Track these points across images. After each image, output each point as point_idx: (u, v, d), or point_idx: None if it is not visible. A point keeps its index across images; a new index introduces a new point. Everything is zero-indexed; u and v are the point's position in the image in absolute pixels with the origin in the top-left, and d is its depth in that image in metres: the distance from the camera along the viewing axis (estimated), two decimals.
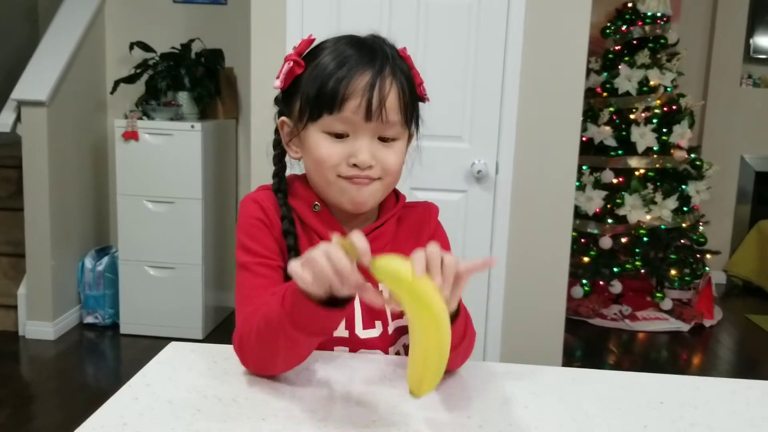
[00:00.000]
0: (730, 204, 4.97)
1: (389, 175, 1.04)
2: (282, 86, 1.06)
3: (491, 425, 0.85)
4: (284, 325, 0.88)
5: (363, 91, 0.98)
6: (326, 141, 1.01)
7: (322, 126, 1.01)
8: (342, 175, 1.02)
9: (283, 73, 1.05)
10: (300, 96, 1.03)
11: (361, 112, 0.99)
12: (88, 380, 3.09)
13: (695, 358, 3.68)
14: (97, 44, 3.72)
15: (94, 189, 3.74)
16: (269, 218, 1.05)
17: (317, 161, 1.02)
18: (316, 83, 1.00)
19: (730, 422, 0.90)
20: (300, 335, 0.88)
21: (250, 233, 1.04)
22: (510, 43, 2.58)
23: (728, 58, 4.78)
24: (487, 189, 2.66)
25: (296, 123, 1.05)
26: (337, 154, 1.01)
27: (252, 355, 0.95)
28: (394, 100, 1.01)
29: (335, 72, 1.00)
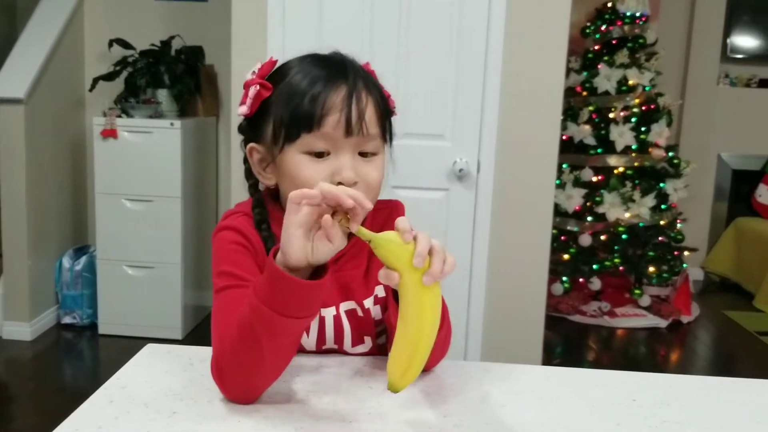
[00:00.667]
0: (708, 202, 5.02)
1: (372, 191, 1.01)
2: (249, 112, 1.02)
3: (467, 424, 0.86)
4: (264, 317, 0.83)
5: (341, 105, 0.96)
6: (307, 161, 0.97)
7: (301, 147, 0.97)
8: None
9: (250, 97, 1.01)
10: (272, 119, 1.00)
11: (341, 128, 0.96)
12: (66, 381, 3.06)
13: (673, 354, 3.72)
14: (75, 41, 3.68)
15: (72, 187, 3.71)
16: (252, 245, 1.00)
17: (298, 184, 0.95)
18: (290, 103, 0.98)
19: (701, 419, 0.91)
20: (282, 321, 0.83)
21: (228, 258, 0.99)
22: (491, 43, 2.59)
23: (705, 57, 4.83)
24: (469, 187, 2.67)
25: (270, 148, 1.01)
26: (318, 175, 0.96)
27: (233, 374, 0.88)
28: (372, 113, 1.00)
29: (309, 89, 0.97)
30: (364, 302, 1.07)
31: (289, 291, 0.82)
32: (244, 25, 2.67)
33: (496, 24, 2.58)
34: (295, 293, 0.83)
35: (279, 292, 0.82)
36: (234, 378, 0.88)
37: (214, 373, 0.90)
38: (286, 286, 0.82)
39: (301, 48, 1.08)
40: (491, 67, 2.60)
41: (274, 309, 0.83)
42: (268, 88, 1.01)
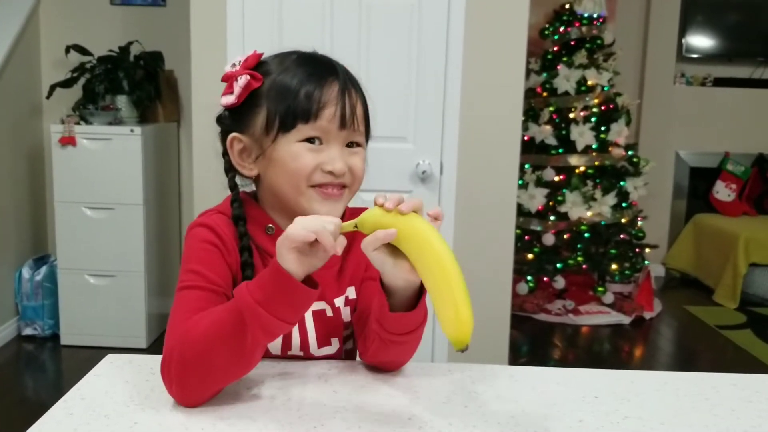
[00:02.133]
0: (667, 199, 5.12)
1: (357, 181, 1.05)
2: (237, 102, 1.03)
3: (431, 426, 0.86)
4: (258, 318, 0.85)
5: (336, 100, 1.00)
6: (302, 150, 1.00)
7: (296, 136, 1.00)
8: (314, 183, 1.01)
9: (239, 87, 1.02)
10: (264, 109, 1.02)
11: (336, 120, 1.00)
12: (27, 394, 3.00)
13: (637, 350, 3.78)
14: (31, 48, 3.61)
15: (31, 196, 3.64)
16: (224, 244, 1.01)
17: (291, 171, 1.00)
18: (287, 94, 1.00)
19: (661, 413, 0.93)
20: (276, 324, 0.86)
21: (199, 257, 1.00)
22: (451, 45, 2.61)
23: (662, 57, 4.93)
24: (432, 189, 2.69)
25: (258, 138, 1.03)
26: (310, 163, 1.00)
27: (197, 371, 0.88)
28: (360, 109, 1.05)
29: (306, 82, 1.00)
30: (335, 301, 1.08)
31: (294, 297, 0.86)
32: (203, 30, 2.65)
33: (455, 27, 2.60)
34: (298, 300, 0.87)
35: (282, 296, 0.85)
36: (196, 376, 0.88)
37: (167, 371, 0.89)
38: (293, 292, 0.86)
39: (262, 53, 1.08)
40: (451, 69, 2.62)
41: (271, 311, 0.85)
42: (258, 78, 1.02)
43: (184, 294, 0.97)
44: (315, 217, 0.89)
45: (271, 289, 0.86)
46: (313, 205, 1.01)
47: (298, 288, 0.86)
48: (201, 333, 0.88)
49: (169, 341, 0.91)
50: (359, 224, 0.89)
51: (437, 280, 0.84)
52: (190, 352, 0.88)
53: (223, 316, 0.88)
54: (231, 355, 0.88)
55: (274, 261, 0.87)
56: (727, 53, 5.06)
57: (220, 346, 0.87)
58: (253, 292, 0.86)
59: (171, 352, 0.89)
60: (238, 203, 1.05)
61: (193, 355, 0.87)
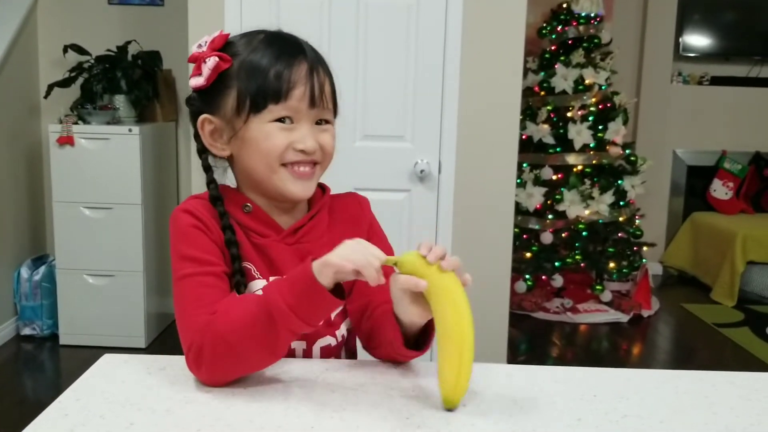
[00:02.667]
0: (664, 197, 5.12)
1: (327, 158, 1.08)
2: (206, 83, 1.04)
3: (429, 425, 0.86)
4: (289, 322, 0.90)
5: (305, 79, 1.02)
6: (274, 129, 1.03)
7: (267, 116, 1.02)
8: (286, 161, 1.04)
9: (208, 69, 1.03)
10: (234, 90, 1.03)
11: (306, 100, 1.02)
12: (26, 394, 2.99)
13: (635, 348, 3.78)
14: (29, 47, 3.61)
15: (29, 196, 3.63)
16: (205, 224, 1.04)
17: (263, 151, 1.03)
18: (256, 75, 1.02)
19: (660, 411, 0.93)
20: (303, 327, 0.92)
21: (188, 241, 1.02)
22: (449, 44, 2.61)
23: (659, 56, 4.93)
24: (431, 188, 2.69)
25: (229, 119, 1.05)
26: (282, 142, 1.03)
27: (223, 362, 0.93)
28: (328, 87, 1.07)
29: (274, 62, 1.02)
30: None
31: (324, 305, 0.92)
32: (201, 30, 2.64)
33: (453, 26, 2.60)
34: (327, 308, 0.93)
35: (313, 304, 0.91)
36: (228, 367, 0.94)
37: (196, 361, 0.93)
38: (323, 302, 0.91)
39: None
40: (450, 68, 2.62)
41: (301, 317, 0.90)
42: (227, 60, 1.03)
43: (186, 282, 0.99)
44: (361, 249, 0.92)
45: (303, 298, 0.90)
46: (286, 185, 1.05)
47: (329, 300, 0.91)
48: (231, 328, 0.92)
49: (192, 332, 0.95)
50: (398, 264, 0.93)
51: (452, 343, 0.89)
52: (222, 347, 0.92)
53: (253, 312, 0.92)
54: (262, 350, 0.93)
55: (308, 268, 0.91)
56: (723, 52, 5.06)
57: (251, 342, 0.92)
58: (285, 297, 0.91)
59: (200, 343, 0.93)
60: (214, 184, 1.08)
61: (224, 349, 0.92)
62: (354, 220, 1.17)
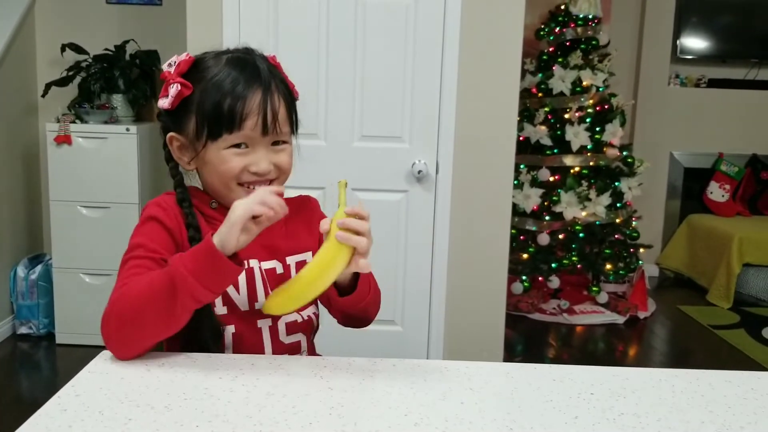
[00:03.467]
0: (661, 199, 5.13)
1: (284, 173, 1.17)
2: (170, 107, 1.13)
3: (427, 422, 0.86)
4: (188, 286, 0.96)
5: (258, 109, 1.10)
6: (229, 155, 1.11)
7: (223, 144, 1.11)
8: (242, 182, 1.13)
9: (171, 95, 1.11)
10: (194, 116, 1.12)
11: (258, 129, 1.10)
12: (22, 393, 2.99)
13: (631, 349, 3.79)
14: (27, 46, 3.60)
15: (26, 195, 3.63)
16: (167, 215, 1.12)
17: (220, 174, 1.13)
18: (212, 105, 1.09)
19: (657, 410, 0.93)
20: (205, 293, 0.98)
21: (142, 230, 1.12)
22: (447, 45, 2.62)
23: (656, 58, 4.94)
24: (428, 188, 2.69)
25: (193, 141, 1.14)
26: (237, 166, 1.11)
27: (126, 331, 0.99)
28: (283, 113, 1.14)
29: (229, 93, 1.09)
30: (287, 259, 1.21)
31: (223, 271, 0.98)
32: (199, 29, 2.65)
33: (451, 27, 2.60)
34: (226, 274, 0.99)
35: (213, 270, 0.97)
36: (131, 331, 1.00)
37: (106, 327, 1.00)
38: (222, 268, 0.97)
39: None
40: (447, 69, 2.62)
41: (202, 283, 0.97)
42: (188, 87, 1.12)
43: (128, 265, 1.08)
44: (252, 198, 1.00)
45: (202, 263, 0.97)
46: None
47: (226, 264, 0.98)
48: (136, 293, 0.99)
49: (109, 301, 1.02)
50: None
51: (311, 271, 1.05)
52: (127, 310, 0.99)
53: (156, 281, 0.99)
54: (162, 315, 0.98)
55: (208, 237, 0.98)
56: (721, 54, 5.07)
57: (152, 307, 0.98)
58: (185, 263, 0.97)
59: (110, 311, 1.00)
60: (181, 188, 1.16)
61: (129, 313, 0.99)
62: (307, 220, 1.26)
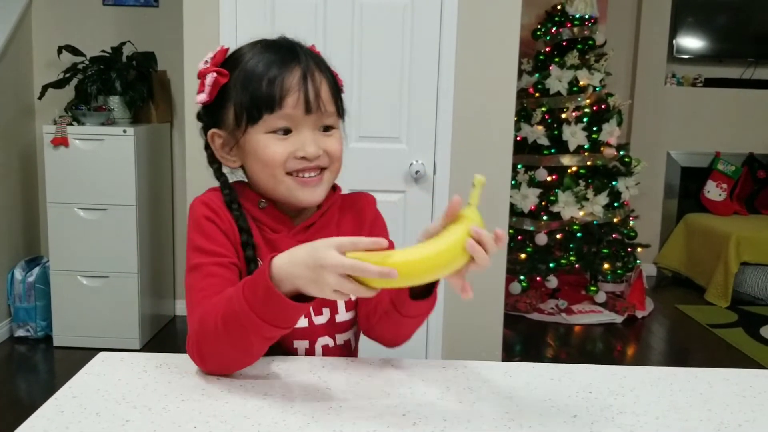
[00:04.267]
0: (658, 199, 5.14)
1: (335, 161, 1.08)
2: (209, 99, 1.07)
3: (425, 422, 0.86)
4: (254, 324, 0.89)
5: (298, 85, 1.02)
6: (271, 140, 1.04)
7: (264, 127, 1.03)
8: (290, 170, 1.05)
9: (207, 85, 1.06)
10: (232, 103, 1.05)
11: (300, 106, 1.03)
12: (20, 396, 2.98)
13: (629, 349, 3.79)
14: (23, 48, 3.60)
15: (23, 197, 3.62)
16: (219, 216, 1.06)
17: (264, 162, 1.04)
18: (250, 86, 1.03)
19: (655, 408, 0.93)
20: (271, 329, 0.90)
21: (200, 232, 1.05)
22: (444, 45, 2.61)
23: (653, 58, 4.95)
24: (426, 189, 2.69)
25: (232, 131, 1.07)
26: (283, 151, 1.03)
27: (215, 356, 0.95)
28: (327, 91, 1.06)
29: (266, 72, 1.03)
30: None
31: (282, 309, 0.88)
32: (196, 30, 2.65)
33: (448, 27, 2.60)
34: (286, 311, 0.89)
35: (272, 307, 0.88)
36: (217, 359, 0.95)
37: (192, 351, 0.96)
38: (280, 305, 0.88)
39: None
40: (444, 69, 2.62)
41: (265, 320, 0.89)
42: (225, 74, 1.06)
43: (195, 273, 1.02)
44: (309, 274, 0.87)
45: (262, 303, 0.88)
46: (292, 193, 1.06)
47: (287, 305, 0.88)
48: (214, 327, 0.92)
49: (191, 324, 0.98)
50: None
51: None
52: (207, 344, 0.94)
53: (228, 315, 0.91)
54: (239, 352, 0.94)
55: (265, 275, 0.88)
56: (717, 54, 5.08)
57: (229, 347, 0.92)
58: (248, 299, 0.89)
59: (195, 338, 0.95)
60: (228, 189, 1.09)
61: (209, 347, 0.94)
62: (359, 218, 1.19)
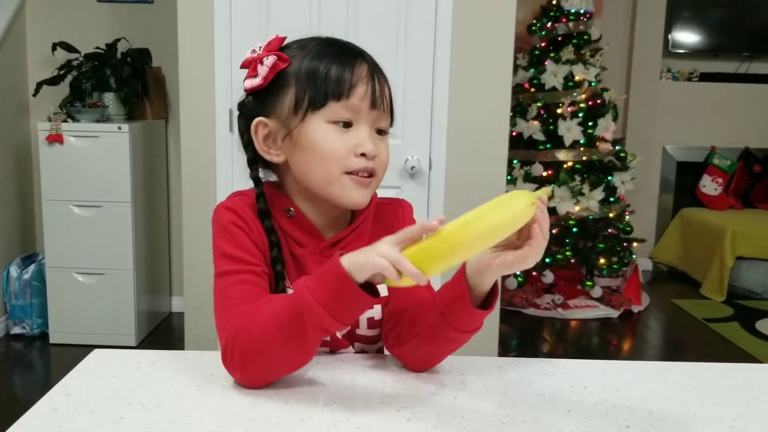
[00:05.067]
0: (654, 193, 5.15)
1: (381, 170, 1.03)
2: (263, 83, 1.00)
3: (420, 417, 0.86)
4: (318, 317, 0.85)
5: (367, 78, 1.00)
6: (332, 131, 0.98)
7: (326, 115, 0.98)
8: (349, 169, 0.99)
9: (266, 67, 0.99)
10: (293, 87, 0.99)
11: (367, 99, 0.99)
12: (17, 393, 2.98)
13: (625, 343, 3.80)
14: (17, 45, 3.59)
15: (18, 194, 3.61)
16: (247, 223, 1.01)
17: (324, 156, 0.98)
18: (317, 72, 0.98)
19: (649, 403, 0.93)
20: (334, 324, 0.86)
21: (229, 239, 1.00)
22: (439, 42, 2.61)
23: (648, 53, 4.95)
24: (421, 184, 2.69)
25: (285, 119, 1.00)
26: (344, 146, 0.98)
27: (253, 364, 0.90)
28: (387, 92, 1.04)
29: (336, 61, 0.99)
30: None
31: (354, 302, 0.86)
32: (191, 27, 2.64)
33: (443, 23, 2.60)
34: (358, 304, 0.87)
35: (343, 300, 0.85)
36: (258, 367, 0.90)
37: (230, 359, 0.91)
38: (353, 298, 0.85)
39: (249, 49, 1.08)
40: (439, 65, 2.62)
41: (331, 312, 0.85)
42: (285, 59, 1.00)
43: (224, 280, 0.97)
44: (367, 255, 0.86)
45: (332, 293, 0.85)
46: (347, 192, 1.00)
47: (360, 295, 0.85)
48: (261, 328, 0.89)
49: (227, 331, 0.92)
50: None
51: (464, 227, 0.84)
52: (252, 346, 0.89)
53: (282, 312, 0.88)
54: (291, 350, 0.90)
55: (337, 262, 0.86)
56: (712, 48, 5.08)
57: (280, 343, 0.88)
58: (314, 291, 0.86)
59: (233, 344, 0.90)
60: (263, 199, 1.03)
61: (254, 349, 0.89)
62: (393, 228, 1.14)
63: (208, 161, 2.70)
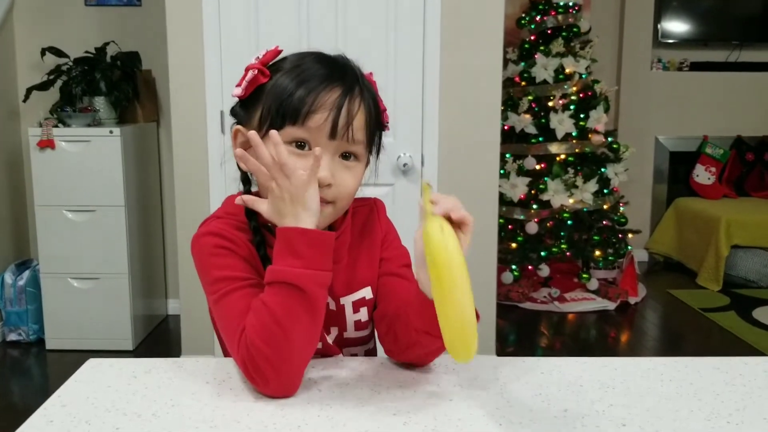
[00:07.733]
0: (648, 184, 5.16)
1: (343, 200, 1.01)
2: (243, 94, 1.02)
3: (416, 420, 0.86)
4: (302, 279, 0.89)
5: (331, 107, 0.97)
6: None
7: (284, 136, 0.96)
8: None
9: (246, 80, 1.01)
10: (262, 105, 1.00)
11: (326, 128, 0.97)
12: (14, 400, 2.98)
13: (623, 335, 3.81)
14: (6, 51, 3.57)
15: (10, 201, 3.60)
16: (233, 242, 1.00)
17: None
18: (282, 92, 0.98)
19: (646, 399, 0.93)
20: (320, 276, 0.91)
21: (218, 263, 0.99)
22: (428, 38, 2.61)
23: (638, 43, 4.95)
24: (414, 181, 2.69)
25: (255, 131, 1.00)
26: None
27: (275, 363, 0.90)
28: (361, 121, 1.00)
29: (303, 83, 0.98)
30: (341, 299, 1.08)
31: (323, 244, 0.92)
32: (180, 29, 2.63)
33: (432, 19, 2.60)
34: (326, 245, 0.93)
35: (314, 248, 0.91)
36: (284, 362, 0.90)
37: (256, 376, 0.91)
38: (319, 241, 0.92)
39: (238, 50, 1.08)
40: (429, 61, 2.62)
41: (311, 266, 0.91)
42: (266, 74, 1.01)
43: (224, 303, 0.97)
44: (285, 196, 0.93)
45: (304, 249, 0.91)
46: None
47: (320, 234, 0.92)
48: (263, 332, 0.90)
49: (240, 350, 0.92)
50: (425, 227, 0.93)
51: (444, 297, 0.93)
52: (262, 354, 0.90)
53: (276, 300, 0.90)
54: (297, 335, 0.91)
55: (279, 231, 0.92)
56: (702, 37, 5.09)
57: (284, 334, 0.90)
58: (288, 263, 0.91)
59: (250, 357, 0.90)
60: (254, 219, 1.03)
61: (265, 355, 0.90)
62: (369, 229, 1.14)
63: (200, 163, 2.70)
